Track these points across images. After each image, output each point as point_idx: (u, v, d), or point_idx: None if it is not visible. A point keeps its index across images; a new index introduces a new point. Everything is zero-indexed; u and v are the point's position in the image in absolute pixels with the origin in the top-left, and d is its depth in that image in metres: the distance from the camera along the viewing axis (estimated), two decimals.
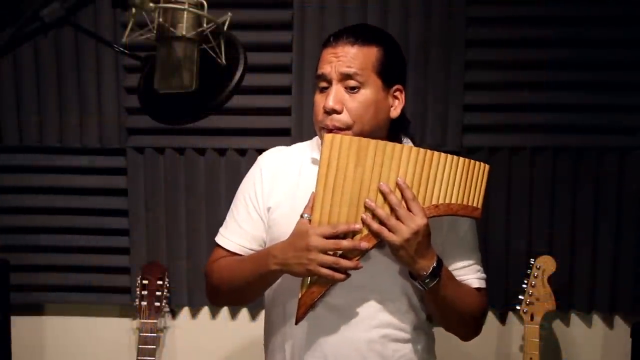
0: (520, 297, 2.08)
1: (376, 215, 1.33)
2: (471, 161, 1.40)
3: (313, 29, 2.21)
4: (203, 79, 1.04)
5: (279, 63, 2.24)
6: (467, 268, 1.50)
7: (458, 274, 1.47)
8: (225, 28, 1.06)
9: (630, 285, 2.23)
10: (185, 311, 2.37)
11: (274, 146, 1.62)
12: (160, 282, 2.16)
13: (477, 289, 1.50)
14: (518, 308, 2.09)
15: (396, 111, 1.46)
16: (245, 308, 2.35)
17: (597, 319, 2.30)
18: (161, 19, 1.00)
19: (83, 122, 2.28)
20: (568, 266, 2.21)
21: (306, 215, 1.35)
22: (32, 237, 2.32)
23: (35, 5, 0.90)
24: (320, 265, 1.31)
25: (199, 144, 2.27)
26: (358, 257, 1.33)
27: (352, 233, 1.33)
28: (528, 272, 2.09)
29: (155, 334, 2.13)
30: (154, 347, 2.11)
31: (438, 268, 1.36)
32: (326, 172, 1.33)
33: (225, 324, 2.36)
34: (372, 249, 1.36)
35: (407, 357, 1.46)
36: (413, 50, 2.19)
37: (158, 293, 2.16)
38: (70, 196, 2.32)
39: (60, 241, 2.32)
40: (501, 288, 2.23)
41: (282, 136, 2.24)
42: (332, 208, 1.33)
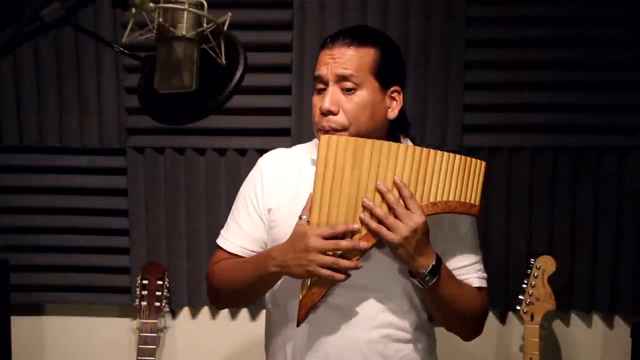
0: (520, 297, 2.08)
1: (374, 214, 1.33)
2: (468, 158, 1.40)
3: (313, 29, 2.21)
4: (203, 79, 1.04)
5: (279, 63, 2.24)
6: (468, 267, 1.50)
7: (458, 273, 1.47)
8: (225, 28, 1.06)
9: (630, 285, 2.23)
10: (185, 311, 2.37)
11: (274, 146, 1.63)
12: (160, 282, 2.16)
13: (478, 288, 1.50)
14: (518, 308, 2.09)
15: (394, 112, 1.46)
16: (245, 308, 2.35)
17: (597, 319, 2.30)
18: (161, 19, 1.00)
19: (83, 122, 2.28)
20: (568, 266, 2.21)
21: (304, 216, 1.35)
22: (32, 237, 2.32)
23: (35, 5, 0.90)
24: (319, 266, 1.31)
25: (199, 144, 2.27)
26: (358, 257, 1.33)
27: (351, 233, 1.33)
28: (528, 272, 2.09)
29: (155, 334, 2.13)
30: (154, 347, 2.11)
31: (437, 266, 1.36)
32: (323, 173, 1.33)
33: (225, 324, 2.36)
34: (372, 249, 1.36)
35: (409, 358, 1.46)
36: (413, 50, 2.19)
37: (158, 293, 2.16)
38: (70, 196, 2.32)
39: (60, 241, 2.32)
40: (501, 288, 2.23)
41: (282, 136, 2.24)
42: (331, 209, 1.33)
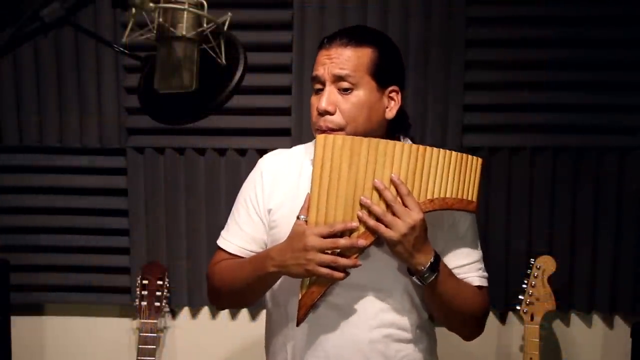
0: (520, 297, 2.08)
1: (372, 212, 1.33)
2: (464, 155, 1.40)
3: (313, 29, 2.20)
4: (203, 79, 1.04)
5: (279, 63, 2.24)
6: (468, 266, 1.49)
7: (458, 272, 1.47)
8: (225, 28, 1.06)
9: (630, 285, 2.23)
10: (185, 311, 2.37)
11: (274, 146, 1.63)
12: (160, 282, 2.16)
13: (479, 287, 1.50)
14: (518, 308, 2.09)
15: (392, 112, 1.46)
16: (245, 308, 2.35)
17: (597, 319, 2.30)
18: (161, 19, 1.00)
19: (83, 122, 2.28)
20: (568, 266, 2.21)
21: (302, 216, 1.35)
22: (32, 237, 2.32)
23: (35, 5, 0.90)
24: (318, 264, 1.31)
25: (199, 144, 2.27)
26: (356, 255, 1.34)
27: (349, 231, 1.33)
28: (528, 272, 2.09)
29: (155, 334, 2.13)
30: (154, 347, 2.11)
31: (436, 263, 1.36)
32: (320, 173, 1.33)
33: (225, 324, 2.36)
34: (371, 248, 1.36)
35: (410, 357, 1.46)
36: (413, 50, 2.19)
37: (158, 293, 2.15)
38: (70, 196, 2.32)
39: (60, 241, 2.32)
40: (501, 288, 2.23)
41: (282, 136, 2.24)
42: (328, 208, 1.33)
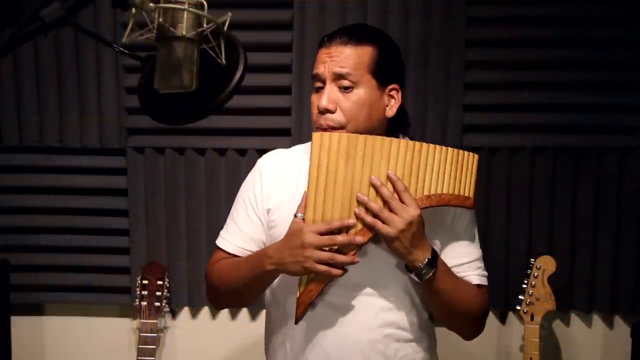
0: (520, 297, 2.08)
1: (369, 208, 1.33)
2: (460, 151, 1.40)
3: (313, 29, 2.20)
4: (203, 79, 1.04)
5: (279, 63, 2.24)
6: (467, 265, 1.49)
7: (458, 271, 1.47)
8: (225, 28, 1.06)
9: (630, 285, 2.23)
10: (185, 311, 2.37)
11: (274, 146, 1.63)
12: (160, 282, 2.16)
13: (478, 286, 1.49)
14: (518, 308, 2.09)
15: (392, 110, 1.46)
16: (245, 308, 2.35)
17: (597, 319, 2.30)
18: (161, 19, 1.00)
19: (83, 122, 2.28)
20: (568, 266, 2.21)
21: (300, 214, 1.35)
22: (32, 237, 2.32)
23: (35, 5, 0.90)
24: (316, 262, 1.31)
25: (199, 144, 2.27)
26: (354, 252, 1.34)
27: (347, 228, 1.33)
28: (528, 272, 2.09)
29: (155, 334, 2.13)
30: (154, 347, 2.11)
31: (433, 259, 1.36)
32: (317, 171, 1.33)
33: (225, 324, 2.36)
34: (369, 245, 1.36)
35: (410, 357, 1.46)
36: (413, 50, 2.19)
37: (158, 293, 2.15)
38: (70, 196, 2.32)
39: (60, 241, 2.32)
40: (501, 288, 2.23)
41: (282, 136, 2.24)
42: (325, 205, 1.33)
